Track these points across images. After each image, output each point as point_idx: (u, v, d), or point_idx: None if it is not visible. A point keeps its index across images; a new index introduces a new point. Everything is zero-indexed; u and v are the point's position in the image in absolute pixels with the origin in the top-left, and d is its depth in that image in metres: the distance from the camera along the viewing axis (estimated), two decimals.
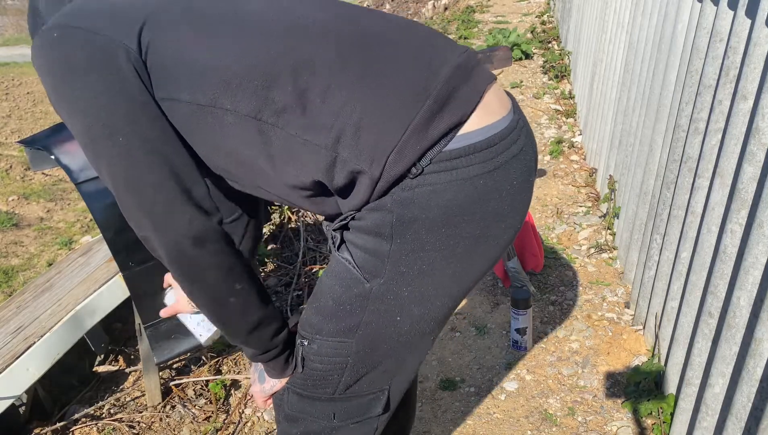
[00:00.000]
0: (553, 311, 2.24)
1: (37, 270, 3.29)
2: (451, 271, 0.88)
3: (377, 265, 0.87)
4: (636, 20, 2.34)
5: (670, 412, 1.64)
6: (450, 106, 0.81)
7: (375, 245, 0.86)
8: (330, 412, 1.00)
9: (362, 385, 0.97)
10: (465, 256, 0.88)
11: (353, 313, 0.90)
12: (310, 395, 0.99)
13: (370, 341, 0.92)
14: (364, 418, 1.01)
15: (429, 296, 0.90)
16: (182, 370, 2.07)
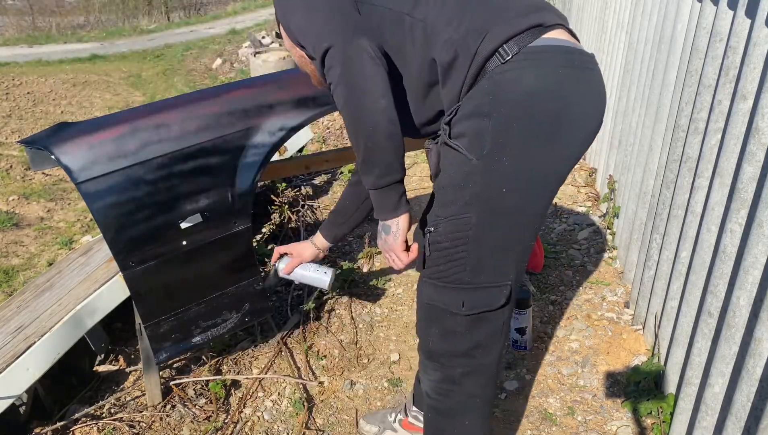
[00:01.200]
0: (553, 311, 2.24)
1: (37, 270, 3.29)
2: (543, 143, 1.05)
3: (480, 143, 1.05)
4: (636, 20, 2.34)
5: (669, 412, 1.64)
6: (538, 14, 1.07)
7: (477, 125, 1.05)
8: (460, 300, 1.14)
9: (486, 275, 1.12)
10: (553, 130, 1.05)
11: (466, 187, 1.08)
12: (444, 284, 1.15)
13: (484, 213, 1.08)
14: (490, 309, 1.14)
15: (526, 170, 1.06)
16: (182, 369, 2.08)
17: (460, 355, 1.20)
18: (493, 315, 1.16)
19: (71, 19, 15.47)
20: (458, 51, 1.05)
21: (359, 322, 2.27)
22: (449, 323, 1.17)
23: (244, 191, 1.70)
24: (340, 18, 1.08)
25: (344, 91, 1.05)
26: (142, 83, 8.33)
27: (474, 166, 1.06)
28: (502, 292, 1.13)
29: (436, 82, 1.12)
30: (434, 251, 1.15)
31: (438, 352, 1.23)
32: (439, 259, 1.14)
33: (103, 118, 1.68)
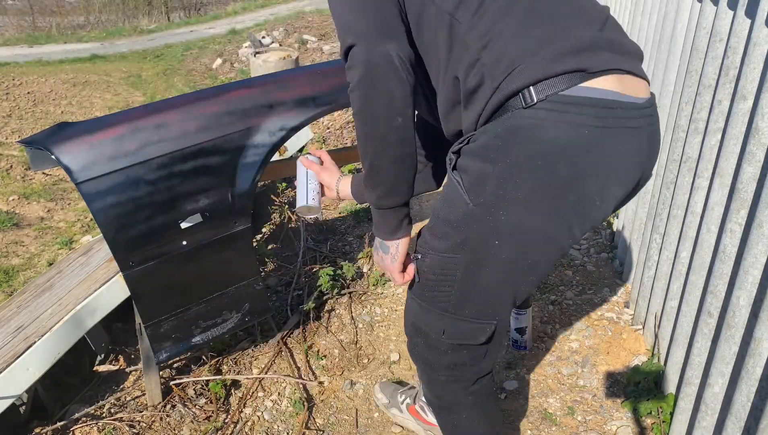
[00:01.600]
0: (553, 311, 2.24)
1: (37, 270, 3.29)
2: (544, 209, 0.97)
3: (480, 189, 0.98)
4: (636, 20, 2.34)
5: (669, 412, 1.64)
6: (584, 56, 0.92)
7: (480, 169, 0.97)
8: (442, 326, 1.12)
9: (471, 310, 1.09)
10: (558, 198, 0.95)
11: (459, 230, 1.02)
12: (428, 307, 1.13)
13: (474, 260, 1.03)
14: (469, 343, 1.13)
15: (523, 227, 0.98)
16: (182, 369, 2.08)
17: (443, 368, 1.20)
18: (475, 347, 1.14)
19: (71, 19, 15.47)
20: (484, 78, 0.95)
21: (359, 322, 2.27)
22: (432, 341, 1.17)
23: (244, 191, 1.71)
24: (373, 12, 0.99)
25: (360, 99, 0.99)
26: (142, 83, 8.33)
27: (470, 210, 1.00)
28: (485, 329, 1.10)
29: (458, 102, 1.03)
30: (422, 278, 1.12)
31: (422, 359, 1.23)
32: (425, 285, 1.12)
33: (103, 118, 1.68)
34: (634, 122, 0.95)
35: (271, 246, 2.80)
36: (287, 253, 2.77)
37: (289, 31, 10.27)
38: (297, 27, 10.47)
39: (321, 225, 3.01)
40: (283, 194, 3.10)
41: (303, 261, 2.61)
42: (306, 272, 2.53)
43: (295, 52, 7.06)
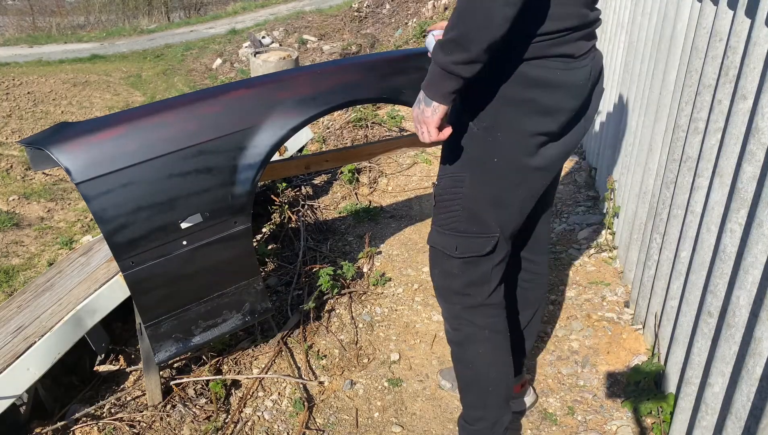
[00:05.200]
0: (553, 311, 2.24)
1: (37, 270, 3.29)
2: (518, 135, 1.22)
3: (485, 116, 1.21)
4: (636, 20, 2.34)
5: (669, 412, 1.64)
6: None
7: (483, 100, 1.20)
8: (454, 244, 1.35)
9: (476, 225, 1.31)
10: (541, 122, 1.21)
11: (465, 151, 1.26)
12: (443, 230, 1.35)
13: (477, 175, 1.27)
14: (477, 254, 1.34)
15: (508, 144, 1.22)
16: (183, 369, 2.08)
17: (457, 292, 1.40)
18: (482, 260, 1.35)
19: (71, 19, 15.48)
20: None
21: (359, 322, 2.27)
22: (447, 265, 1.38)
23: (244, 191, 1.71)
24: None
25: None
26: (142, 83, 8.33)
27: (474, 133, 1.24)
28: (489, 241, 1.32)
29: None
30: (438, 202, 1.35)
31: (440, 288, 1.43)
32: (441, 209, 1.35)
33: (103, 118, 1.68)
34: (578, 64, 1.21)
35: (271, 246, 2.80)
36: (287, 253, 2.77)
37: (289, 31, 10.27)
38: (297, 27, 10.47)
39: (321, 225, 3.01)
40: (283, 194, 3.10)
41: (303, 261, 2.61)
42: (306, 272, 2.53)
43: (295, 52, 7.06)
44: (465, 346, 1.44)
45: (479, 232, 1.32)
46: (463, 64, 1.08)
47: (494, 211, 1.30)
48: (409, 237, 2.86)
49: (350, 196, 3.31)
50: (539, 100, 1.19)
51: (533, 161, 1.26)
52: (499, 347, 1.45)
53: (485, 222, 1.31)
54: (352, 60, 1.75)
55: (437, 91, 1.14)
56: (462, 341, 1.44)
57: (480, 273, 1.37)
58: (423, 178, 3.50)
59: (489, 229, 1.32)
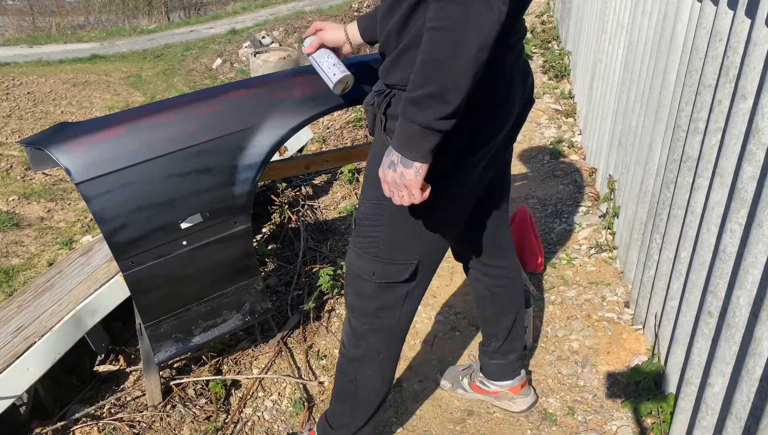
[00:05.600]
0: (552, 311, 2.24)
1: (37, 270, 3.29)
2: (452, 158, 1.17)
3: None
4: (635, 20, 2.34)
5: (669, 412, 1.64)
6: None
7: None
8: (372, 269, 1.32)
9: (395, 253, 1.29)
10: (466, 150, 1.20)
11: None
12: (363, 253, 1.32)
13: (398, 206, 1.16)
14: (394, 281, 1.32)
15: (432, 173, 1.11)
16: (183, 369, 2.08)
17: (369, 314, 1.38)
18: (398, 285, 1.34)
19: (71, 19, 15.48)
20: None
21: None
22: (362, 287, 1.36)
23: (244, 191, 1.70)
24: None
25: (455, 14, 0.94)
26: (142, 83, 8.33)
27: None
28: (407, 268, 1.31)
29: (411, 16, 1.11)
30: (358, 226, 1.32)
31: (352, 307, 1.41)
32: (361, 233, 1.32)
33: (103, 118, 1.68)
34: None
35: (271, 246, 2.80)
36: (287, 253, 2.77)
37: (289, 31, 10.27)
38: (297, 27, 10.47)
39: (321, 225, 3.01)
40: (283, 194, 3.10)
41: (303, 261, 2.61)
42: (306, 272, 2.53)
43: (295, 52, 7.06)
44: (356, 364, 1.46)
45: (398, 260, 1.30)
46: (445, 118, 1.01)
47: (415, 239, 1.28)
48: None
49: (350, 196, 3.31)
50: (465, 128, 1.12)
51: (456, 189, 1.24)
52: (386, 373, 1.48)
53: (405, 250, 1.29)
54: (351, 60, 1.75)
55: (419, 151, 1.05)
56: (355, 359, 1.45)
57: (394, 297, 1.36)
58: None
59: (408, 257, 1.30)
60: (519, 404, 1.77)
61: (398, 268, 1.31)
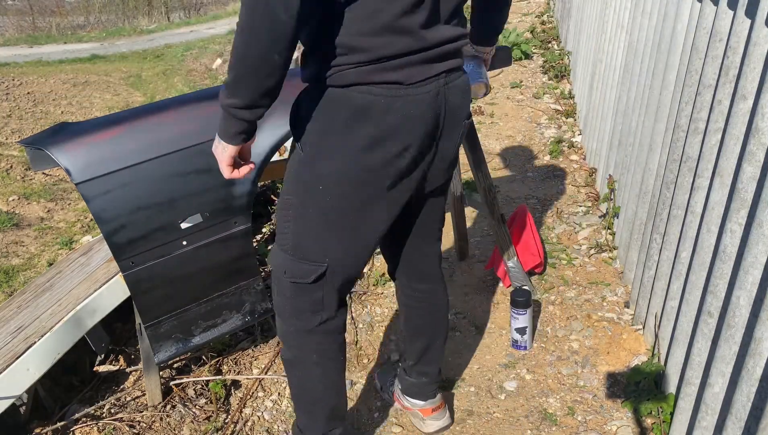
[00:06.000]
0: (553, 311, 2.24)
1: (37, 270, 3.29)
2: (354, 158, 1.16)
3: (308, 139, 1.18)
4: (636, 20, 2.34)
5: (669, 412, 1.64)
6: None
7: (309, 125, 1.17)
8: (284, 266, 1.30)
9: (304, 251, 1.27)
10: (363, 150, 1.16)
11: (294, 174, 1.23)
12: (278, 249, 1.31)
13: (302, 201, 1.23)
14: (302, 281, 1.29)
15: (333, 173, 1.17)
16: (183, 369, 2.08)
17: (289, 315, 1.36)
18: (310, 287, 1.30)
19: (71, 19, 15.47)
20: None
21: (359, 323, 2.27)
22: (280, 285, 1.34)
23: (244, 191, 1.71)
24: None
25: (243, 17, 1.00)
26: (142, 83, 8.33)
27: (301, 157, 1.20)
28: (316, 270, 1.27)
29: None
30: (277, 221, 1.31)
31: (276, 306, 1.39)
32: (278, 228, 1.31)
33: (103, 118, 1.68)
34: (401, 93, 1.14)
35: (271, 246, 2.80)
36: None
37: None
38: None
39: None
40: None
41: None
42: None
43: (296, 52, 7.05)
44: (294, 366, 1.41)
45: (305, 259, 1.27)
46: (242, 108, 1.06)
47: (321, 240, 1.26)
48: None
49: None
50: (361, 129, 1.12)
51: (361, 193, 1.20)
52: (328, 372, 1.42)
53: (311, 250, 1.27)
54: None
55: (224, 132, 1.11)
56: (291, 360, 1.41)
57: (310, 300, 1.32)
58: None
59: (314, 257, 1.27)
60: (427, 426, 1.72)
61: (307, 268, 1.28)
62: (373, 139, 1.13)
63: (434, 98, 1.16)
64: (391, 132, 1.14)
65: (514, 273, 2.26)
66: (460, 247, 2.60)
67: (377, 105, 1.11)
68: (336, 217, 1.23)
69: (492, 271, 2.46)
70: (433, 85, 1.15)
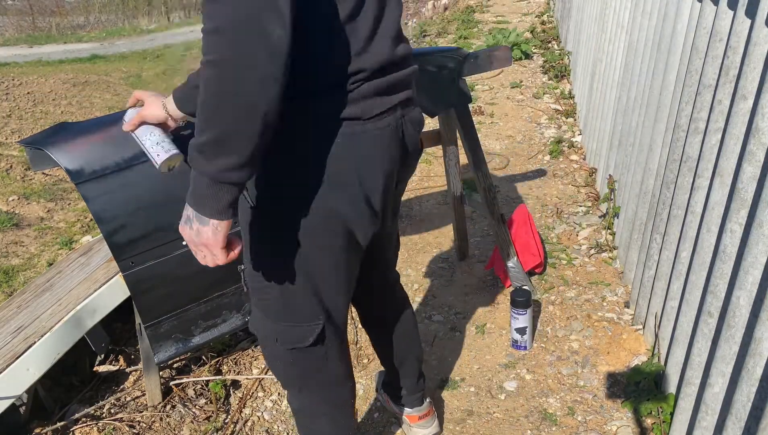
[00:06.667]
0: (553, 311, 2.24)
1: (37, 270, 3.29)
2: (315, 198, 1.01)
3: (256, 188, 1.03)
4: (636, 20, 2.34)
5: (669, 412, 1.64)
6: None
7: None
8: (275, 334, 1.16)
9: (292, 313, 1.12)
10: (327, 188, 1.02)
11: (252, 234, 1.08)
12: (263, 315, 1.15)
13: (272, 260, 1.08)
14: (301, 345, 1.15)
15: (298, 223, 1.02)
16: (182, 369, 2.08)
17: (292, 378, 1.25)
18: (309, 350, 1.16)
19: (71, 19, 15.47)
20: None
21: (359, 322, 2.27)
22: (275, 354, 1.20)
23: None
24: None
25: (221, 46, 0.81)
26: (142, 83, 8.33)
27: (253, 211, 1.04)
28: (312, 331, 1.14)
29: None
30: (250, 289, 1.15)
31: (274, 371, 1.26)
32: (255, 294, 1.15)
33: (103, 118, 1.68)
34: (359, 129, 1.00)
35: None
36: None
37: None
38: None
39: None
40: None
41: None
42: None
43: None
44: (303, 414, 1.33)
45: (298, 322, 1.13)
46: (234, 170, 0.84)
47: (310, 296, 1.10)
48: (409, 237, 2.86)
49: None
50: (322, 173, 0.98)
51: (332, 238, 1.06)
52: (339, 418, 1.32)
53: (302, 309, 1.12)
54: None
55: (212, 207, 0.88)
56: (300, 411, 1.33)
57: (313, 362, 1.19)
58: (422, 178, 3.50)
59: (308, 316, 1.13)
60: (414, 433, 1.70)
61: (303, 330, 1.14)
62: (334, 184, 1.00)
63: (392, 135, 1.04)
64: (350, 174, 1.01)
65: (514, 273, 2.26)
66: (460, 247, 2.60)
67: (331, 146, 0.97)
68: (317, 267, 1.09)
69: (492, 271, 2.46)
70: (391, 118, 1.03)
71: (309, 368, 1.21)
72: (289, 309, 1.12)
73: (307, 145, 0.97)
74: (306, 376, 1.23)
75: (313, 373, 1.22)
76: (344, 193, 1.01)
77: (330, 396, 1.29)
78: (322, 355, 1.19)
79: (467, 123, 2.14)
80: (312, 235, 1.04)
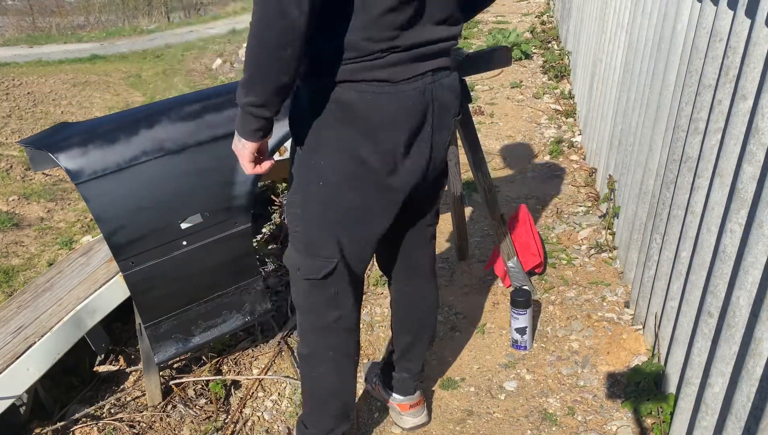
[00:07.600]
0: (553, 311, 2.24)
1: (37, 270, 3.29)
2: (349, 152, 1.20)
3: (304, 136, 1.22)
4: (636, 20, 2.34)
5: (669, 412, 1.64)
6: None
7: (305, 122, 1.21)
8: (299, 263, 1.34)
9: (313, 247, 1.30)
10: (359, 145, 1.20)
11: (296, 174, 1.28)
12: (292, 246, 1.35)
13: (305, 198, 1.27)
14: (315, 277, 1.32)
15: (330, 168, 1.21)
16: (183, 369, 2.08)
17: (306, 311, 1.40)
18: (322, 283, 1.33)
19: (71, 19, 15.47)
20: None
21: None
22: (297, 284, 1.38)
23: (244, 191, 1.70)
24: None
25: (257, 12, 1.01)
26: (142, 83, 8.33)
27: (299, 155, 1.25)
28: (326, 265, 1.31)
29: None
30: (288, 220, 1.35)
31: (295, 303, 1.42)
32: (290, 227, 1.34)
33: (102, 118, 1.68)
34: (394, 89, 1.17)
35: (271, 246, 2.80)
36: None
37: None
38: None
39: None
40: (283, 194, 3.10)
41: None
42: None
43: None
44: (308, 362, 1.45)
45: (317, 255, 1.31)
46: (257, 106, 1.09)
47: (328, 235, 1.29)
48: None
49: None
50: (353, 124, 1.16)
51: (359, 187, 1.23)
52: (342, 369, 1.45)
53: (321, 245, 1.30)
54: None
55: (242, 129, 1.14)
56: (307, 357, 1.45)
57: (325, 297, 1.35)
58: None
59: (326, 253, 1.30)
60: (404, 422, 1.76)
61: (319, 264, 1.31)
62: (364, 134, 1.17)
63: (421, 95, 1.19)
64: (380, 127, 1.17)
65: (514, 273, 2.26)
66: (460, 247, 2.60)
67: (365, 101, 1.14)
68: (339, 211, 1.26)
69: (492, 271, 2.46)
70: (420, 82, 1.18)
71: (319, 302, 1.36)
72: (311, 244, 1.30)
73: (341, 102, 1.15)
74: (317, 308, 1.37)
75: (322, 308, 1.37)
76: (371, 143, 1.18)
77: (335, 342, 1.41)
78: (333, 294, 1.35)
79: (467, 123, 2.14)
80: (339, 181, 1.22)
